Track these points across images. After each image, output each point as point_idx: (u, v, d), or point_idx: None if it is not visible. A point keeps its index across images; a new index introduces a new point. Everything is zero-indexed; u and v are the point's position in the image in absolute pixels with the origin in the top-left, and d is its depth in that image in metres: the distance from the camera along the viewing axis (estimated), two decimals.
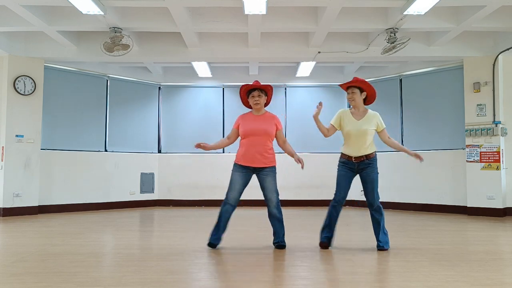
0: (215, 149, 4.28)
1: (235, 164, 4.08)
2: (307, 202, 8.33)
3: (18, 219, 6.25)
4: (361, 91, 3.99)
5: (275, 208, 4.04)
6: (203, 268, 3.38)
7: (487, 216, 6.56)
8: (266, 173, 4.01)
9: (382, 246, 3.95)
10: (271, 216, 4.08)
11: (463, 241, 4.53)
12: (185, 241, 4.44)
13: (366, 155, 3.93)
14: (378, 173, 3.98)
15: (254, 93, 4.07)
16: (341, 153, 4.05)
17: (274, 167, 4.06)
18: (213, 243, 4.00)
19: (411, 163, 7.63)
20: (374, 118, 4.00)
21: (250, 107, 4.20)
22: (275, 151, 4.10)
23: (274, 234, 4.12)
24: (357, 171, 3.98)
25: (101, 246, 4.25)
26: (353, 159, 3.94)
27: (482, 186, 6.66)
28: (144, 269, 3.22)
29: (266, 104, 4.18)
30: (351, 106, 4.10)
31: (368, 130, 3.92)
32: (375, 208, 3.95)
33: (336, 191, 4.02)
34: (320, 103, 4.00)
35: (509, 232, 5.17)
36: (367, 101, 4.07)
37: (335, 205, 4.02)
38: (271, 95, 4.19)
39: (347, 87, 4.04)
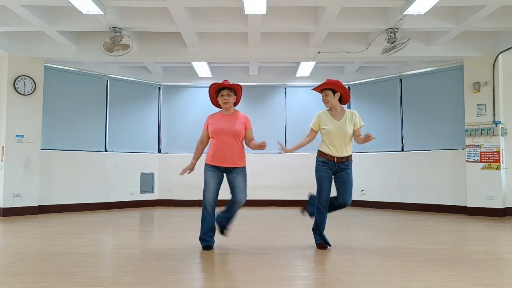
0: (198, 160, 4.12)
1: (206, 164, 4.03)
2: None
3: (18, 219, 6.25)
4: (334, 92, 4.01)
5: (238, 207, 4.00)
6: (203, 268, 3.38)
7: (487, 216, 6.56)
8: (236, 173, 3.97)
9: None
10: (231, 210, 4.02)
11: (463, 241, 4.53)
12: (185, 241, 4.43)
13: (347, 157, 3.96)
14: None
15: (223, 92, 4.02)
16: (319, 151, 4.04)
17: (244, 168, 4.03)
18: (206, 245, 3.97)
19: (411, 163, 7.70)
20: (353, 117, 4.02)
21: (219, 106, 4.14)
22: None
23: (222, 217, 4.05)
24: (336, 171, 3.98)
25: (101, 246, 4.25)
26: (335, 159, 3.94)
27: (482, 186, 6.67)
28: (144, 269, 3.23)
29: (235, 104, 4.15)
30: (328, 108, 4.12)
31: (349, 130, 3.96)
32: (346, 206, 4.02)
33: (320, 193, 3.98)
34: (278, 142, 4.13)
35: (509, 232, 5.17)
36: (342, 101, 4.08)
37: (320, 208, 4.00)
38: (241, 94, 4.14)
39: (321, 89, 4.07)
